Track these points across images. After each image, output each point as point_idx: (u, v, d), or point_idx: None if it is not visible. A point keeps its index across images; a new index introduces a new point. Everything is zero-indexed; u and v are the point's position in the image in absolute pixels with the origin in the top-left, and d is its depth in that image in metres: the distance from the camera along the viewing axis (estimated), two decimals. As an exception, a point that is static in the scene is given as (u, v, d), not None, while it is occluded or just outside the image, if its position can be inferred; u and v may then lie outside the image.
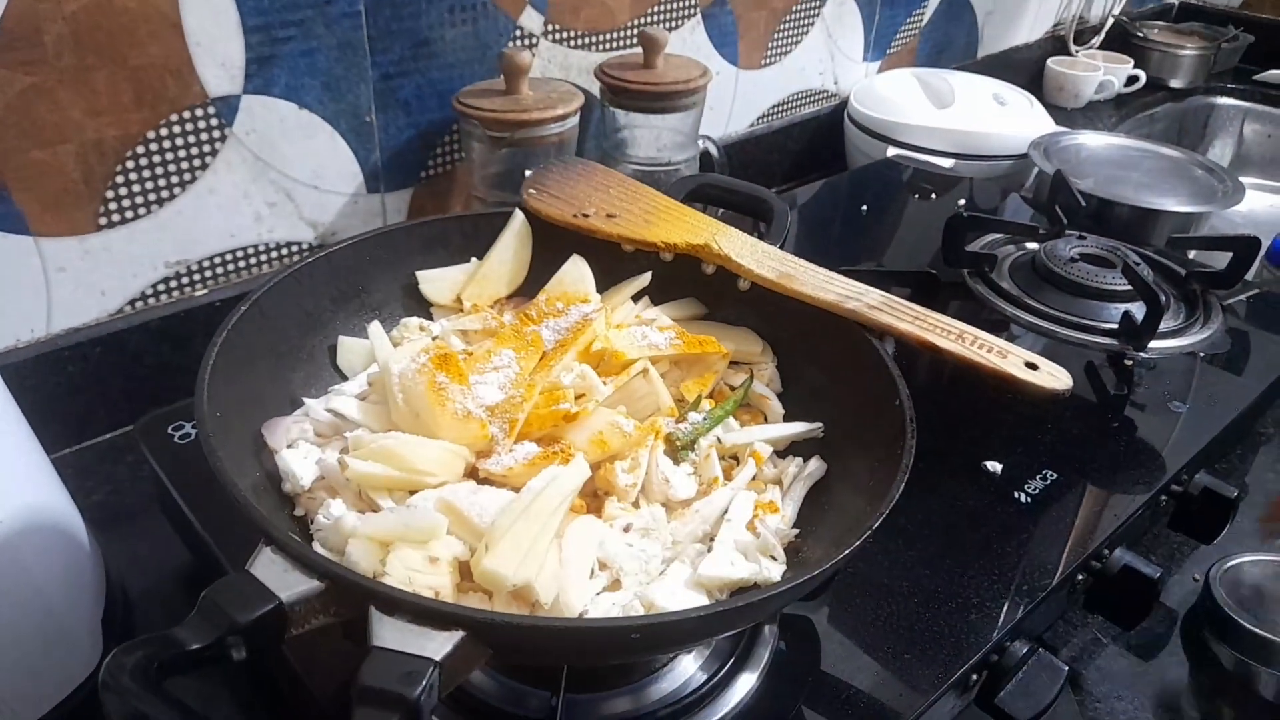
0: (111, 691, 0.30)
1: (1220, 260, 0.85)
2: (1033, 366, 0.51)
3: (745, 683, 0.50)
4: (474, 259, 0.62)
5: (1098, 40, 1.58)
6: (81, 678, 0.51)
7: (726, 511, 0.49)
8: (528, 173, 0.67)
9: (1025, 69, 1.50)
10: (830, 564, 0.40)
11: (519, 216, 0.62)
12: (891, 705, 0.50)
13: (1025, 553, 0.59)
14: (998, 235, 0.89)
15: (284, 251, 0.79)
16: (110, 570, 0.57)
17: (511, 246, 0.62)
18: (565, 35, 0.90)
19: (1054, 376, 0.51)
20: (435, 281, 0.61)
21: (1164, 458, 0.68)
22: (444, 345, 0.54)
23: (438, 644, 0.34)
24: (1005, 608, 0.55)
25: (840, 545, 0.41)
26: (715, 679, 0.50)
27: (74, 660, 0.51)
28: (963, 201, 1.05)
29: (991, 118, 1.16)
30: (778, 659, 0.51)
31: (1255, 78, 1.63)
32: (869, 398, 0.51)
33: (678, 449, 0.52)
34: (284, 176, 0.76)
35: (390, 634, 0.34)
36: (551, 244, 0.63)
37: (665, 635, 0.39)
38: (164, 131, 0.69)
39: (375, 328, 0.57)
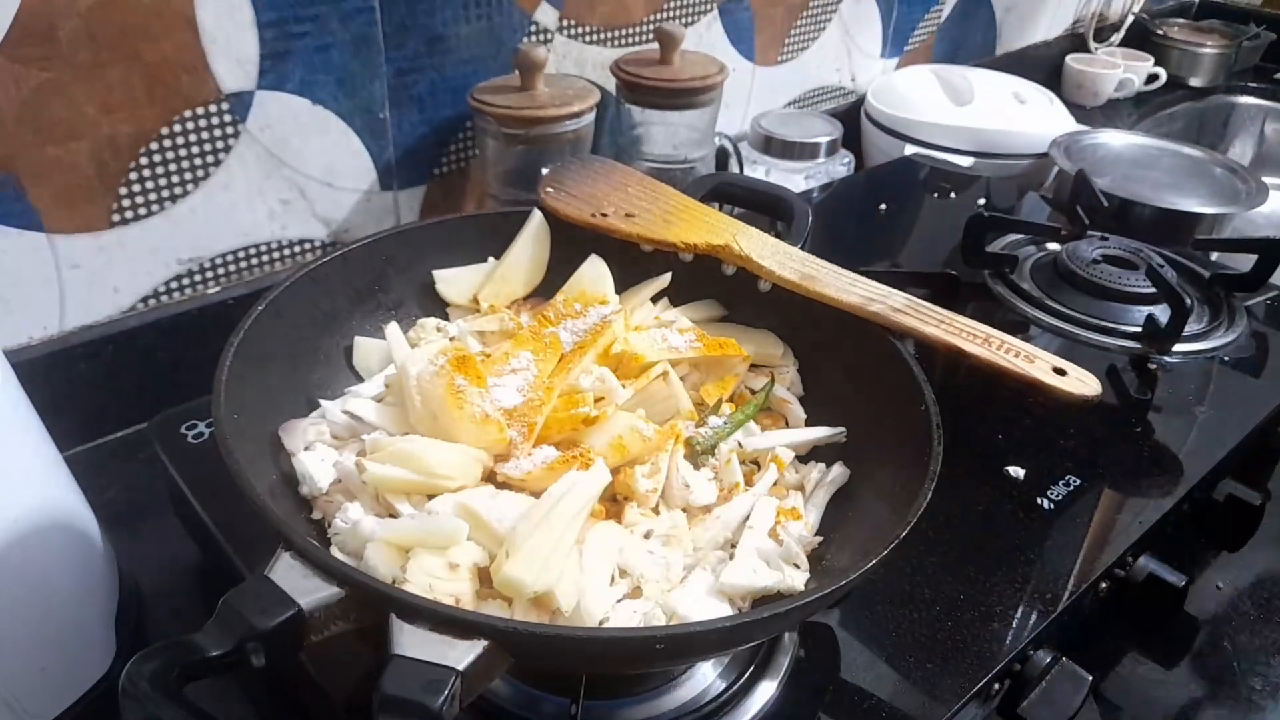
0: (131, 698, 0.30)
1: (1243, 262, 0.84)
2: (1060, 372, 0.50)
3: (765, 691, 0.49)
4: (491, 258, 0.62)
5: (1117, 38, 1.56)
6: (95, 678, 0.51)
7: (748, 518, 0.48)
8: (544, 171, 0.66)
9: (1044, 66, 1.49)
10: (856, 574, 0.39)
11: (537, 216, 0.62)
12: (913, 715, 0.49)
13: (1048, 559, 0.58)
14: (1018, 236, 0.88)
15: (297, 249, 0.79)
16: (123, 569, 0.56)
17: (529, 246, 0.61)
18: (581, 31, 0.89)
19: (1082, 382, 0.50)
20: (452, 281, 0.60)
21: (1188, 463, 0.67)
22: (462, 347, 0.53)
23: (459, 653, 0.33)
24: (1028, 616, 0.54)
25: (866, 554, 0.40)
26: (734, 687, 0.49)
27: (87, 660, 0.51)
28: (982, 201, 1.04)
29: (1011, 116, 1.15)
30: (797, 667, 0.51)
31: (1276, 76, 1.61)
32: (893, 402, 0.50)
33: (698, 454, 0.51)
34: (297, 173, 0.76)
35: (411, 642, 0.33)
36: (569, 244, 0.62)
37: (690, 645, 0.38)
38: (178, 128, 0.68)
39: (393, 329, 0.56)
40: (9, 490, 0.45)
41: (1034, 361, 0.50)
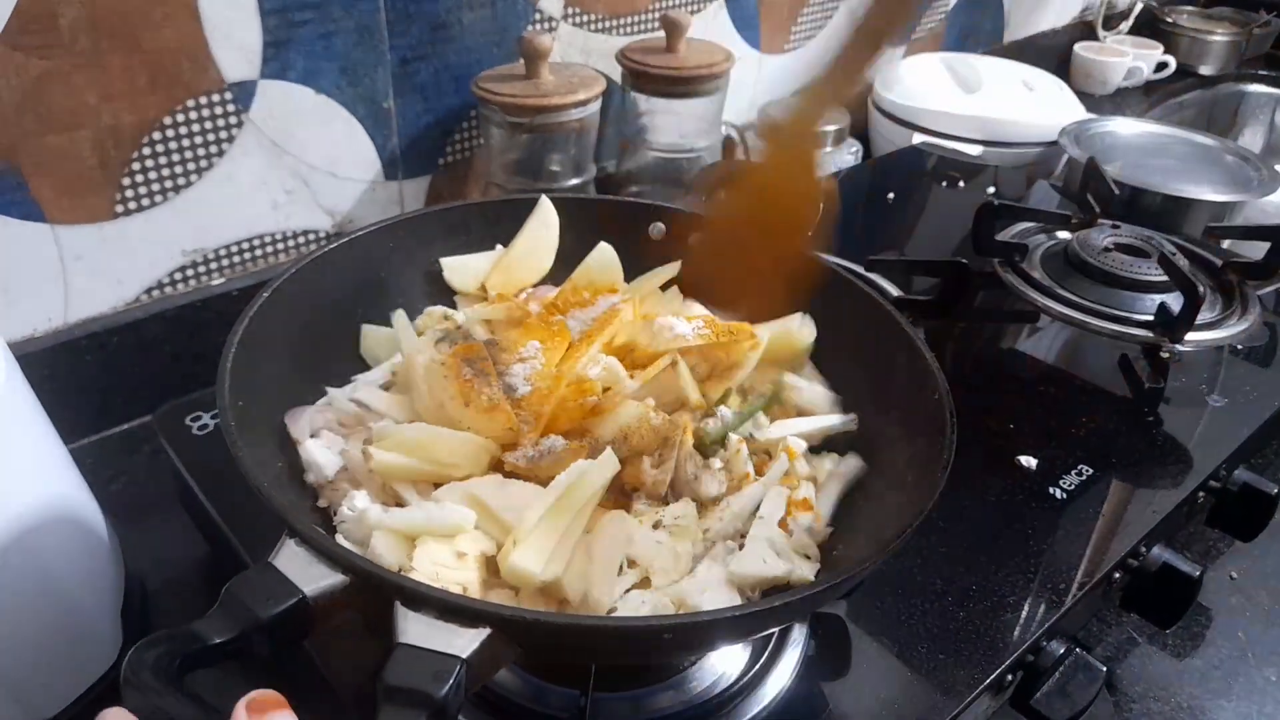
0: (132, 687, 0.30)
1: (1256, 250, 0.83)
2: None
3: (775, 682, 0.49)
4: (499, 246, 0.61)
5: (1126, 26, 1.55)
6: (101, 670, 0.50)
7: (759, 509, 0.48)
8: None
9: (1052, 55, 1.47)
10: (868, 565, 0.38)
11: (545, 203, 0.61)
12: (925, 706, 0.48)
13: (1061, 550, 0.58)
14: (1028, 224, 0.87)
15: (301, 240, 0.78)
16: (128, 562, 0.56)
17: (537, 234, 0.61)
18: (586, 19, 0.89)
19: None
20: (459, 269, 0.60)
21: (1201, 453, 0.66)
22: (469, 334, 0.53)
23: (465, 641, 0.32)
24: (1041, 607, 0.54)
25: (877, 544, 0.40)
26: (745, 678, 0.48)
27: (92, 653, 0.50)
28: (991, 189, 1.03)
29: (1020, 104, 1.14)
30: (808, 658, 0.50)
31: (1287, 64, 1.59)
32: (906, 391, 0.50)
33: (707, 444, 0.51)
34: (301, 163, 0.75)
35: (416, 630, 0.33)
36: (578, 232, 0.61)
37: (698, 635, 0.37)
38: (180, 117, 0.68)
39: (400, 316, 0.55)
40: (14, 484, 0.45)
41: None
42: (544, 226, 0.61)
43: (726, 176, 0.52)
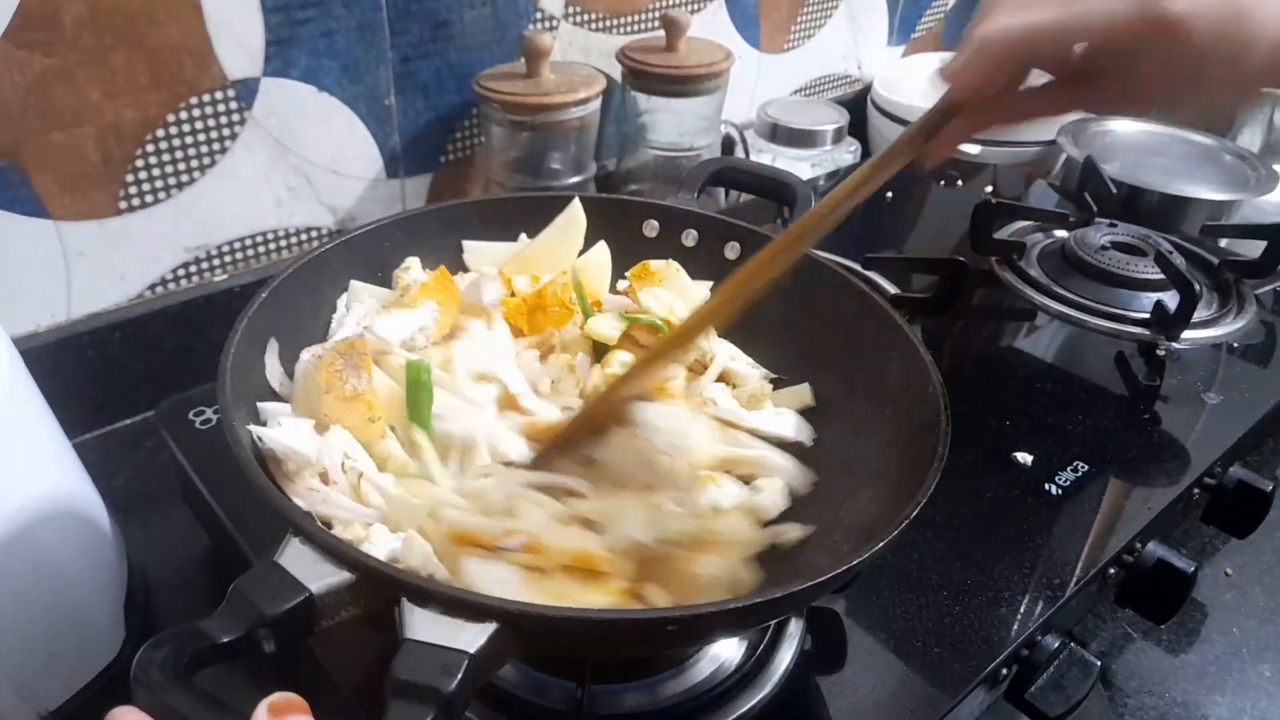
0: (142, 686, 0.30)
1: (1253, 249, 0.84)
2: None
3: (771, 677, 0.49)
4: (524, 235, 0.62)
5: (1124, 24, 1.55)
6: (103, 663, 0.51)
7: None
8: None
9: (1049, 53, 1.47)
10: (866, 555, 0.39)
11: (576, 205, 0.61)
12: (920, 699, 0.49)
13: (1056, 545, 0.58)
14: (1026, 222, 0.88)
15: (303, 236, 0.79)
16: (131, 556, 0.57)
17: (564, 233, 0.61)
18: (586, 18, 0.89)
19: None
20: (478, 253, 0.61)
21: (1197, 450, 0.67)
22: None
23: (471, 636, 0.33)
24: (1036, 601, 0.54)
25: (873, 537, 0.40)
26: (741, 671, 0.49)
27: (95, 646, 0.51)
28: (989, 188, 1.03)
29: (1017, 103, 1.14)
30: (804, 651, 0.51)
31: (1284, 63, 1.59)
32: (900, 384, 0.50)
33: None
34: (303, 160, 0.76)
35: (423, 626, 0.33)
36: (608, 239, 0.62)
37: (700, 626, 0.38)
38: (183, 114, 0.68)
39: (342, 301, 0.56)
40: (18, 478, 0.46)
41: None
42: (571, 225, 0.61)
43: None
